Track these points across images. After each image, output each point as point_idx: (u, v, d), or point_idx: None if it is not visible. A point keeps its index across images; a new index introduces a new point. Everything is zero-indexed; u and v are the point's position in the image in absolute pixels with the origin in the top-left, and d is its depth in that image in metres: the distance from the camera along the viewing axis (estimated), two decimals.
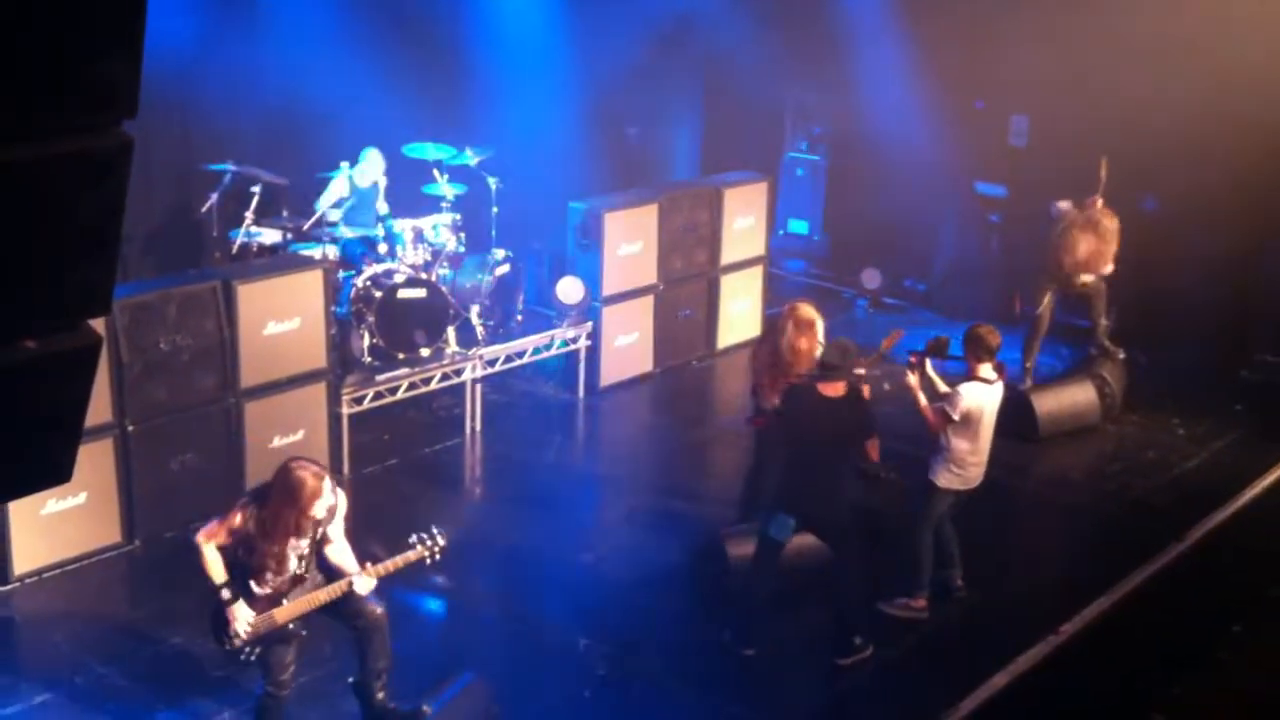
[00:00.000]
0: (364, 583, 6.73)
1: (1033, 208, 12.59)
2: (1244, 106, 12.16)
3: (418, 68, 13.03)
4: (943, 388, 8.58)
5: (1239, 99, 12.13)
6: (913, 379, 8.50)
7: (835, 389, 7.88)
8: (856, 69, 14.82)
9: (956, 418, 8.36)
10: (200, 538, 6.57)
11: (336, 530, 6.79)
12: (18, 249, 2.36)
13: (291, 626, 6.70)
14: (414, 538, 6.96)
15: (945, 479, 8.52)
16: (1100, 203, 11.77)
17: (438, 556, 6.99)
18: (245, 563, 6.59)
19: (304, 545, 6.62)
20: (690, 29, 14.56)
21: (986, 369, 8.47)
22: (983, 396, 8.43)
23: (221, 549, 6.57)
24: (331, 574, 6.80)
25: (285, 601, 6.64)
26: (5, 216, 2.30)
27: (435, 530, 7.02)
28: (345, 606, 6.82)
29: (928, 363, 8.62)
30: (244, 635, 6.56)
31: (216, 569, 6.54)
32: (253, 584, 6.59)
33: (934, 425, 8.40)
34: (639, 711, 7.68)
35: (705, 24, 14.61)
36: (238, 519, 6.54)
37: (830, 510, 7.98)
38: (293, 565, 6.61)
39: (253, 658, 6.67)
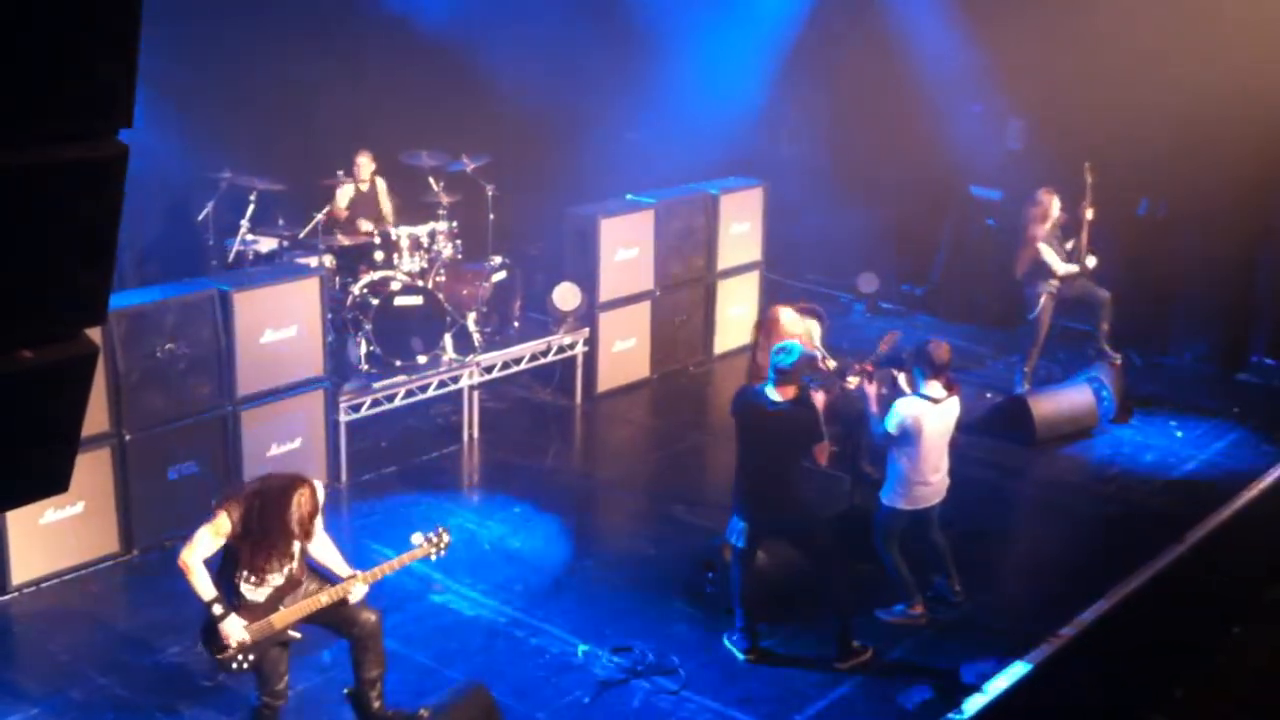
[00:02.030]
0: (358, 590, 6.72)
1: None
2: (1241, 110, 12.17)
3: (414, 75, 13.05)
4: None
5: (1236, 102, 12.15)
6: (869, 389, 8.44)
7: (784, 393, 7.87)
8: (854, 70, 14.84)
9: (893, 432, 8.24)
10: (185, 555, 6.41)
11: (317, 525, 6.75)
12: (14, 258, 2.36)
13: (290, 633, 6.66)
14: (418, 536, 6.98)
15: (890, 497, 8.42)
16: (1091, 210, 11.77)
17: (443, 553, 7.00)
18: (240, 566, 6.51)
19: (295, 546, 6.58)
20: (687, 33, 14.56)
21: (934, 386, 8.27)
22: (923, 413, 8.21)
23: (208, 561, 6.48)
24: (324, 574, 6.79)
25: (282, 607, 6.60)
26: (1, 225, 2.30)
27: (440, 528, 7.03)
28: (340, 615, 6.78)
29: (903, 378, 8.55)
30: (238, 645, 6.49)
31: (205, 585, 6.43)
32: (246, 591, 6.53)
33: (881, 439, 8.36)
34: (638, 717, 7.67)
35: (701, 27, 14.61)
36: (225, 522, 6.42)
37: (788, 515, 7.98)
38: (289, 565, 6.58)
39: (245, 666, 6.60)
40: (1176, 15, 12.42)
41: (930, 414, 8.24)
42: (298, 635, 6.71)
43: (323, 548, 6.83)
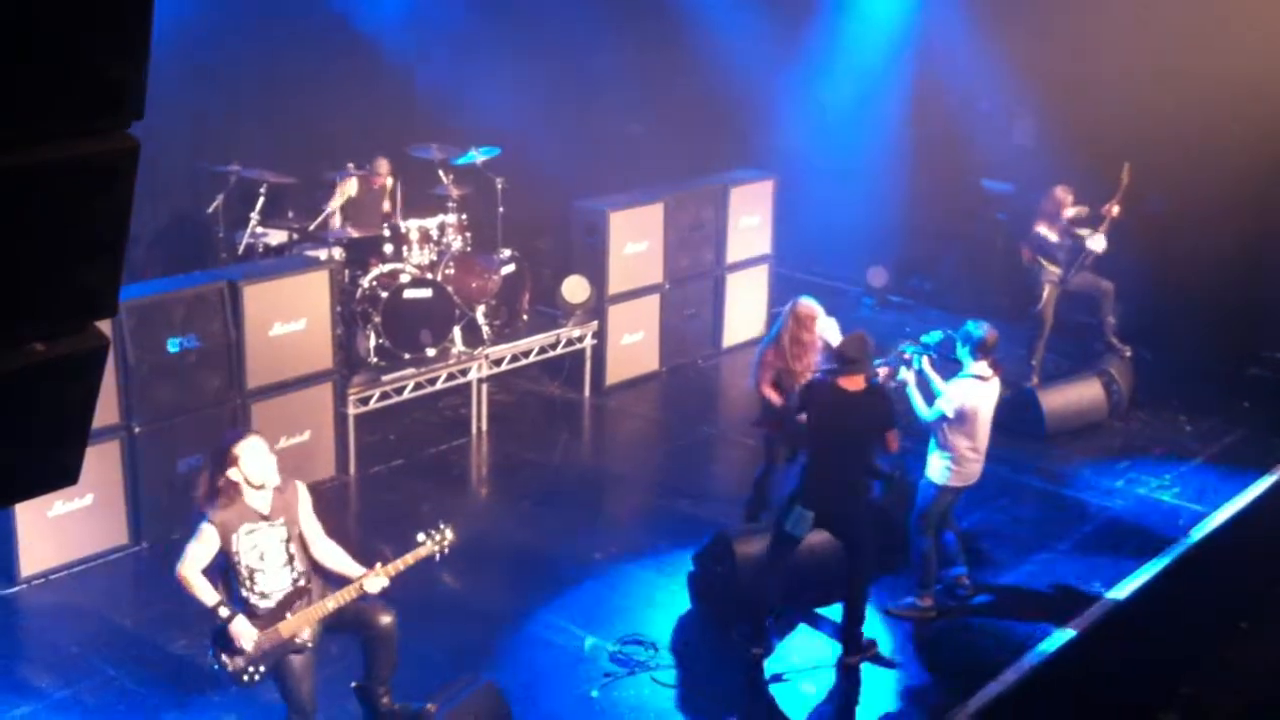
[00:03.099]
0: (375, 582, 6.61)
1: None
2: (1252, 103, 12.14)
3: (421, 67, 13.05)
4: (940, 386, 8.57)
5: (1247, 95, 12.12)
6: (909, 376, 8.51)
7: (855, 383, 7.87)
8: (860, 66, 14.82)
9: (950, 414, 8.36)
10: (181, 568, 6.45)
11: (311, 525, 6.71)
12: (25, 252, 2.36)
13: (299, 640, 6.57)
14: (421, 534, 6.88)
15: (945, 476, 8.51)
16: (1117, 210, 11.75)
17: (446, 550, 6.91)
18: (236, 573, 6.51)
19: (279, 538, 6.53)
20: (693, 25, 14.55)
21: (982, 366, 8.48)
22: (977, 393, 8.43)
23: (207, 571, 6.49)
24: (334, 583, 6.75)
25: (289, 615, 6.56)
26: (13, 220, 2.31)
27: (442, 525, 6.93)
28: (355, 617, 6.75)
29: (926, 361, 8.64)
30: (249, 652, 6.44)
31: (206, 592, 6.44)
32: (252, 600, 6.51)
33: (932, 424, 8.44)
34: (646, 711, 7.68)
35: (708, 21, 14.60)
36: (213, 521, 6.45)
37: (849, 507, 7.99)
38: (276, 557, 6.52)
39: (256, 678, 6.54)
40: (1187, 13, 12.38)
41: (982, 392, 8.45)
42: (309, 644, 6.62)
43: (328, 553, 6.77)
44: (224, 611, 6.42)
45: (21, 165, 2.26)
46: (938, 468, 8.53)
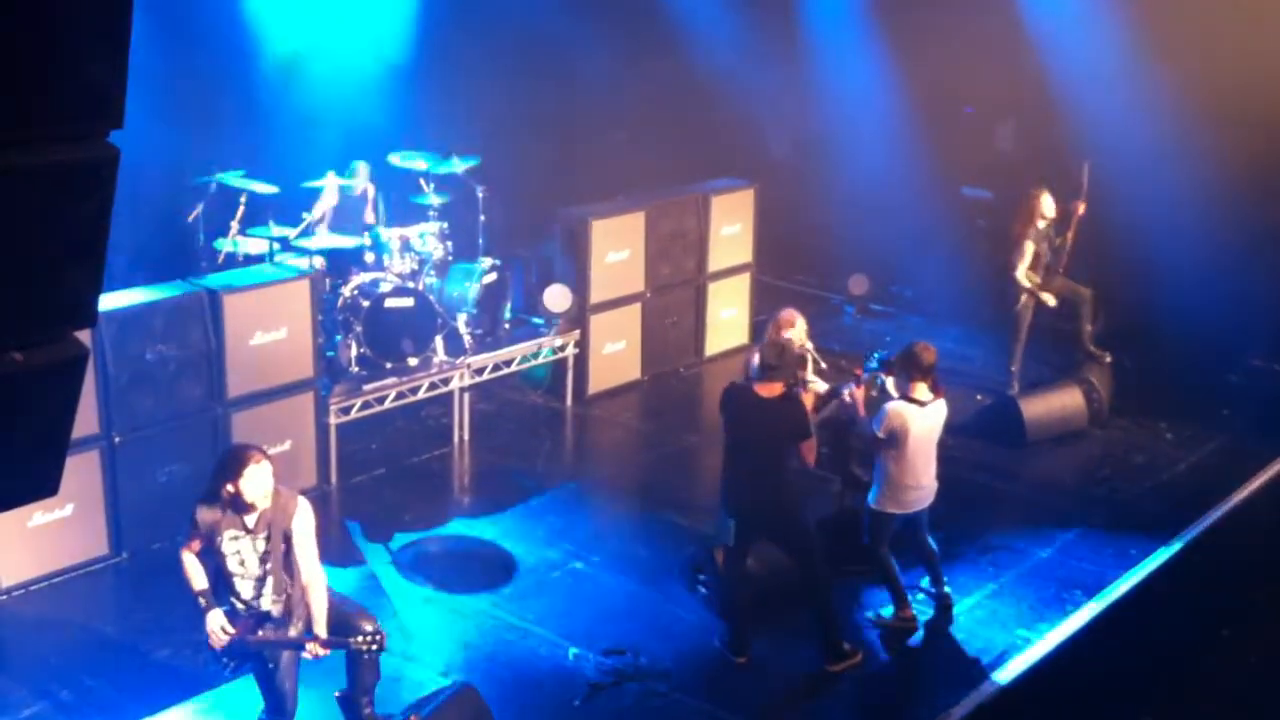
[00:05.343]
0: (315, 650, 6.61)
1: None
2: (1232, 110, 12.20)
3: (404, 75, 13.04)
4: None
5: (1227, 103, 12.17)
6: (858, 394, 8.44)
7: (771, 389, 7.85)
8: (841, 73, 14.86)
9: (881, 435, 8.20)
10: (182, 550, 6.67)
11: (304, 546, 6.64)
12: (3, 259, 2.35)
13: (267, 652, 6.63)
14: (363, 638, 6.62)
15: (879, 501, 8.37)
16: (1083, 208, 11.79)
17: (373, 650, 6.71)
18: (221, 573, 6.60)
19: (259, 549, 6.54)
20: (673, 34, 14.57)
21: (921, 389, 8.20)
22: (910, 416, 8.16)
23: (201, 557, 6.63)
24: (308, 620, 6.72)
25: (261, 632, 6.60)
26: None
27: (383, 632, 6.74)
28: (341, 626, 6.76)
29: (889, 381, 8.55)
30: (218, 642, 6.53)
31: (195, 577, 6.62)
32: (231, 598, 6.61)
33: (869, 442, 8.37)
34: (629, 719, 7.66)
35: (688, 30, 14.63)
36: (198, 519, 6.57)
37: (775, 513, 7.96)
38: (253, 568, 6.55)
39: (228, 670, 6.66)
40: (1169, 14, 12.44)
41: (917, 417, 8.20)
42: (271, 666, 6.63)
43: (311, 583, 6.67)
44: (201, 602, 6.60)
45: (1, 170, 2.25)
46: (875, 492, 8.39)
